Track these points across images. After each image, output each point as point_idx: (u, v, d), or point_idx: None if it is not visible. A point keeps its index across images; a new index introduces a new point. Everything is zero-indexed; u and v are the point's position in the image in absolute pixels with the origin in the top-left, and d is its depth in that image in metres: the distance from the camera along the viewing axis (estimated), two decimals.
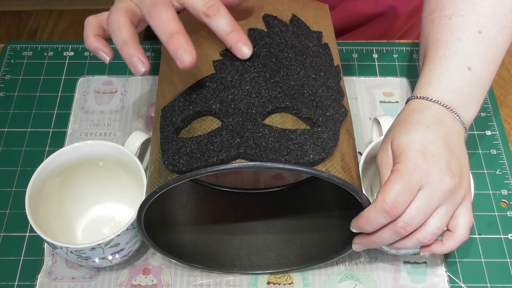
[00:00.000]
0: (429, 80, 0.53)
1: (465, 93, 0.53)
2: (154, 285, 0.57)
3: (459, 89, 0.52)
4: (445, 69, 0.53)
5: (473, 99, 0.53)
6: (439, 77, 0.53)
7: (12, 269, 0.57)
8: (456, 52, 0.53)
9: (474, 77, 0.53)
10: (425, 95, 0.52)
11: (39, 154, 0.65)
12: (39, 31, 1.76)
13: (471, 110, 0.53)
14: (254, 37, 0.50)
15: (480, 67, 0.53)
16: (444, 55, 0.54)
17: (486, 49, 0.54)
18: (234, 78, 0.47)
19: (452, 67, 0.53)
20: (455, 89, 0.52)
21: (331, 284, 0.57)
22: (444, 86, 0.52)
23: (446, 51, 0.54)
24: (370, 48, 0.75)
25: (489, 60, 0.54)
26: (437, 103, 0.51)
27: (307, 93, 0.47)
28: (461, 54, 0.53)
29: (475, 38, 0.54)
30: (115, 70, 0.73)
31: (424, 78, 0.54)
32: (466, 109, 0.52)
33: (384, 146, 0.51)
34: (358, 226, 0.48)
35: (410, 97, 0.53)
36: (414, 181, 0.46)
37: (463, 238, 0.49)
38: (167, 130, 0.46)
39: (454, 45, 0.54)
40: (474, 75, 0.53)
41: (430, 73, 0.54)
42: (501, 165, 0.65)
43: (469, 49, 0.53)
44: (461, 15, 0.55)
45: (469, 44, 0.54)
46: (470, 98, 0.53)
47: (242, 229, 0.60)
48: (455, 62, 0.53)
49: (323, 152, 0.44)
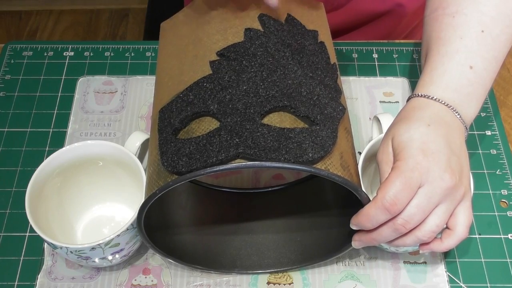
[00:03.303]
0: (431, 78, 0.53)
1: (466, 92, 0.52)
2: (154, 285, 0.57)
3: (461, 87, 0.52)
4: (447, 67, 0.53)
5: (474, 98, 0.53)
6: (441, 75, 0.53)
7: (12, 269, 0.58)
8: (458, 50, 0.53)
9: (476, 76, 0.53)
10: (426, 93, 0.52)
11: (39, 154, 0.65)
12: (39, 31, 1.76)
13: (472, 109, 0.53)
14: (250, 37, 0.50)
15: (482, 66, 0.53)
16: (446, 53, 0.54)
17: (488, 48, 0.54)
18: (231, 78, 0.47)
19: (454, 66, 0.53)
20: (456, 87, 0.52)
21: (331, 284, 0.57)
22: (445, 84, 0.52)
23: (448, 49, 0.54)
24: (370, 48, 0.75)
25: (491, 59, 0.54)
26: (438, 101, 0.51)
27: (304, 92, 0.47)
28: (463, 53, 0.53)
29: (477, 37, 0.54)
30: (115, 70, 0.73)
31: (426, 76, 0.54)
32: (467, 108, 0.52)
33: (384, 143, 0.51)
34: (357, 223, 0.48)
35: (411, 95, 0.53)
36: (414, 179, 0.46)
37: (462, 237, 0.49)
38: (165, 132, 0.46)
39: (456, 44, 0.54)
40: (476, 74, 0.53)
41: (432, 72, 0.54)
42: (501, 165, 0.65)
43: (471, 48, 0.53)
44: (464, 14, 0.55)
45: (471, 43, 0.53)
46: (471, 97, 0.53)
47: (242, 229, 0.60)
48: (457, 61, 0.53)
49: (322, 150, 0.44)
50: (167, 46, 0.55)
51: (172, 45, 0.54)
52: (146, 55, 0.74)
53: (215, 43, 0.50)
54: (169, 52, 0.54)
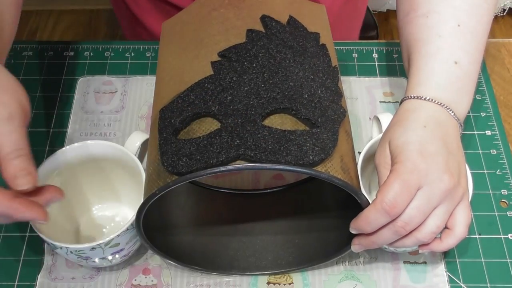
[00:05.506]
0: (419, 80, 0.53)
1: (456, 88, 0.53)
2: (154, 285, 0.57)
3: (450, 85, 0.52)
4: (432, 67, 0.53)
5: (465, 93, 0.53)
6: (428, 75, 0.53)
7: (12, 269, 0.58)
8: (439, 48, 0.53)
9: (462, 71, 0.53)
10: (418, 94, 0.52)
11: (39, 154, 0.65)
12: (39, 31, 1.76)
13: (464, 104, 0.53)
14: (252, 38, 0.50)
15: (466, 60, 0.53)
16: (427, 53, 0.54)
17: (468, 41, 0.54)
18: (232, 79, 0.47)
19: (439, 64, 0.53)
20: (446, 85, 0.52)
21: (331, 284, 0.57)
22: (435, 83, 0.52)
23: (429, 49, 0.54)
24: (370, 48, 0.75)
25: (474, 51, 0.54)
26: (431, 101, 0.51)
27: (306, 94, 0.47)
28: (445, 50, 0.53)
29: (455, 32, 0.54)
30: (115, 70, 0.73)
31: (413, 79, 0.54)
32: (460, 104, 0.52)
33: (382, 146, 0.51)
34: (357, 227, 0.48)
35: (404, 98, 0.53)
36: (413, 181, 0.46)
37: (461, 236, 0.49)
38: (165, 132, 0.46)
39: (436, 42, 0.54)
40: (462, 69, 0.53)
41: (419, 73, 0.53)
42: (501, 165, 0.65)
43: (452, 43, 0.53)
44: (437, 12, 0.55)
45: (451, 39, 0.53)
46: (461, 92, 0.53)
47: (240, 231, 0.60)
48: (441, 59, 0.53)
49: (323, 153, 0.44)
50: (168, 46, 0.55)
51: (173, 45, 0.54)
52: (146, 55, 0.74)
53: (216, 44, 0.50)
54: (170, 52, 0.54)
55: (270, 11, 0.52)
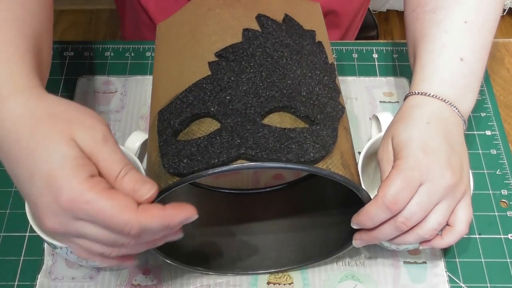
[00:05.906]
0: (424, 76, 0.53)
1: (461, 85, 0.52)
2: (154, 285, 0.57)
3: (455, 81, 0.52)
4: (438, 63, 0.53)
5: (470, 90, 0.53)
6: (433, 71, 0.53)
7: (12, 269, 0.58)
8: (446, 45, 0.53)
9: (468, 68, 0.53)
10: (422, 90, 0.52)
11: None
12: None
13: (468, 101, 0.53)
14: (248, 37, 0.50)
15: (472, 57, 0.53)
16: (434, 49, 0.54)
17: (475, 38, 0.54)
18: (230, 79, 0.47)
19: (445, 61, 0.53)
20: (451, 82, 0.52)
21: (331, 284, 0.57)
22: (440, 80, 0.52)
23: (436, 45, 0.54)
24: (370, 48, 0.75)
25: (479, 48, 0.54)
26: (436, 97, 0.51)
27: (304, 92, 0.47)
28: (451, 46, 0.53)
29: (462, 29, 0.54)
30: (115, 70, 0.73)
31: (418, 75, 0.54)
32: (464, 101, 0.52)
33: (384, 142, 0.51)
34: (358, 221, 0.48)
35: (408, 94, 0.53)
36: (415, 177, 0.46)
37: (462, 233, 0.49)
38: (165, 133, 0.46)
39: (442, 38, 0.54)
40: (467, 66, 0.53)
41: (424, 69, 0.53)
42: (501, 165, 0.65)
43: (458, 40, 0.53)
44: (444, 8, 0.55)
45: (457, 35, 0.53)
46: (466, 90, 0.53)
47: (242, 230, 0.60)
48: (447, 55, 0.53)
49: (323, 150, 0.44)
50: (164, 47, 0.55)
51: (169, 46, 0.54)
52: (146, 55, 0.74)
53: (213, 44, 0.50)
54: (166, 53, 0.54)
55: (266, 10, 0.52)
